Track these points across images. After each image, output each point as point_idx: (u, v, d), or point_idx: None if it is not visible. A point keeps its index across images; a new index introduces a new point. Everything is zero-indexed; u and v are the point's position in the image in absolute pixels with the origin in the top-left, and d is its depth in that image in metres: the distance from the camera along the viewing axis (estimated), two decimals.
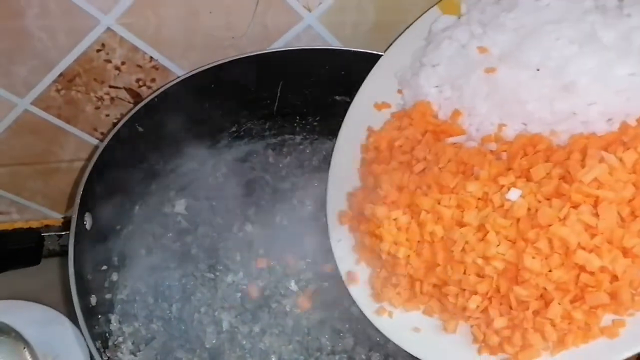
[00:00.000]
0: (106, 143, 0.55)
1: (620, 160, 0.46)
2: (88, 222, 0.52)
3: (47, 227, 0.78)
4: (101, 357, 0.52)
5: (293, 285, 0.63)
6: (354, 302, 0.60)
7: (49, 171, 0.73)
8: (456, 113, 0.56)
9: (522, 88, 0.52)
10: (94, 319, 0.53)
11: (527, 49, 0.53)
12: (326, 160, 0.69)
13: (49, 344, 0.68)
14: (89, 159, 0.68)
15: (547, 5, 0.54)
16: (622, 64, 0.50)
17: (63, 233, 0.59)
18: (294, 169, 0.71)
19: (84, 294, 0.50)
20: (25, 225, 0.79)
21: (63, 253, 0.49)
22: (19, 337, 0.63)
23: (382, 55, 0.64)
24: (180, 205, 0.68)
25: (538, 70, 0.52)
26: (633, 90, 0.49)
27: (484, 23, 0.57)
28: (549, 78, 0.51)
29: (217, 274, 0.63)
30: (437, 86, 0.58)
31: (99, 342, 0.52)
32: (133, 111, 0.58)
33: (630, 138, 0.48)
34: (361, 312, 0.59)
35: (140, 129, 0.59)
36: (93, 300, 0.53)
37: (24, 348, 0.63)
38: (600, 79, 0.50)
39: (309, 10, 0.64)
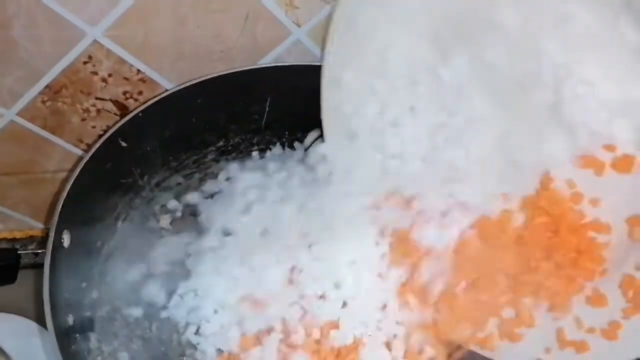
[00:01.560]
0: (87, 159, 0.54)
1: None
2: (66, 240, 0.51)
3: (31, 238, 0.77)
4: None
5: None
6: None
7: (34, 181, 0.73)
8: None
9: None
10: (71, 338, 0.52)
11: None
12: None
13: (29, 356, 0.67)
14: (70, 172, 0.68)
15: None
16: None
17: (39, 251, 0.57)
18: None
19: (60, 315, 0.49)
20: (10, 236, 0.78)
21: (41, 264, 0.48)
22: None
23: None
24: (164, 220, 0.67)
25: None
26: None
27: None
28: None
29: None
30: None
31: None
32: (116, 127, 0.57)
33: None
34: None
35: (124, 144, 0.58)
36: (70, 319, 0.52)
37: None
38: None
39: (298, 25, 0.63)
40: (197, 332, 0.59)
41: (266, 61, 0.66)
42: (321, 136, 0.64)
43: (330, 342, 0.57)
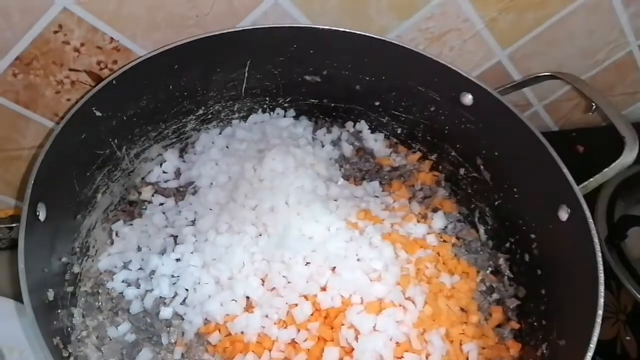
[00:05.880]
0: (59, 130, 0.52)
1: None
2: (41, 213, 0.49)
3: (12, 217, 0.75)
4: (61, 353, 0.50)
5: None
6: None
7: (10, 159, 0.70)
8: None
9: None
10: (52, 314, 0.51)
11: None
12: None
13: (14, 337, 0.65)
14: (41, 146, 0.65)
15: None
16: None
17: (13, 225, 0.55)
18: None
19: (38, 289, 0.48)
20: None
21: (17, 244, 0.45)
22: None
23: (350, 32, 0.61)
24: (146, 193, 0.66)
25: None
26: None
27: None
28: None
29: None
30: None
31: (58, 337, 0.50)
32: (89, 95, 0.55)
33: None
34: None
35: (98, 114, 0.56)
36: (50, 294, 0.50)
37: None
38: None
39: None
40: (183, 303, 0.57)
41: (243, 25, 0.64)
42: None
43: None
